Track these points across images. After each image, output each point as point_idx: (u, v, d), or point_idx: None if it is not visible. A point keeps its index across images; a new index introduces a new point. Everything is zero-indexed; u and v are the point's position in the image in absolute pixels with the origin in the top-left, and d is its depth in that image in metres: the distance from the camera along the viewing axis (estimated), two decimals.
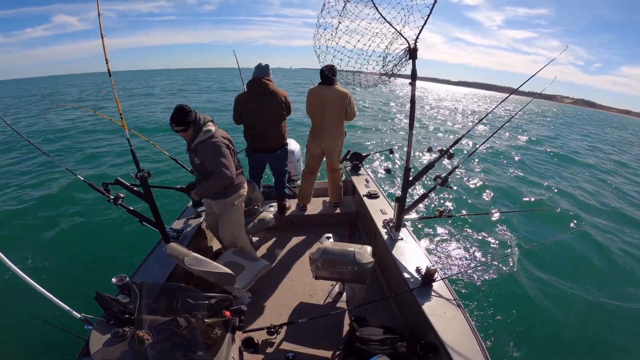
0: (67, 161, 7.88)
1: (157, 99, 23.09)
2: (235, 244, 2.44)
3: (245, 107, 2.81)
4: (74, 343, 1.55)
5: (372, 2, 1.90)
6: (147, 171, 2.25)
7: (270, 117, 2.84)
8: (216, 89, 32.04)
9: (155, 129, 11.15)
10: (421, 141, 12.28)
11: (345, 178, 3.90)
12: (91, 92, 31.14)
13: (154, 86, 38.24)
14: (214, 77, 55.07)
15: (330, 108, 2.93)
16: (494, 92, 38.66)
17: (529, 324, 3.32)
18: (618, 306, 3.80)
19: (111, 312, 1.44)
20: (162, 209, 2.36)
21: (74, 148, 9.27)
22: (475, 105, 38.35)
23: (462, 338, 1.62)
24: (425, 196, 2.46)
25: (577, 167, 11.06)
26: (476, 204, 6.41)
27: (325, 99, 2.92)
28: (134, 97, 24.22)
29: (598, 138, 22.48)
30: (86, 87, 38.03)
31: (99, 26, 2.11)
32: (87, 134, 10.96)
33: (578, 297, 3.91)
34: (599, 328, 3.44)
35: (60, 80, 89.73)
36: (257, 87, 2.75)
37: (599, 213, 6.75)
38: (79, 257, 4.07)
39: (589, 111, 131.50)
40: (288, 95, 2.91)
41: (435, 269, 1.98)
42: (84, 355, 1.46)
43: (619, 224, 6.29)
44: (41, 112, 16.66)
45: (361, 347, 1.71)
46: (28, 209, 5.35)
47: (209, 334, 1.36)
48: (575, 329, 3.41)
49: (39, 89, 42.16)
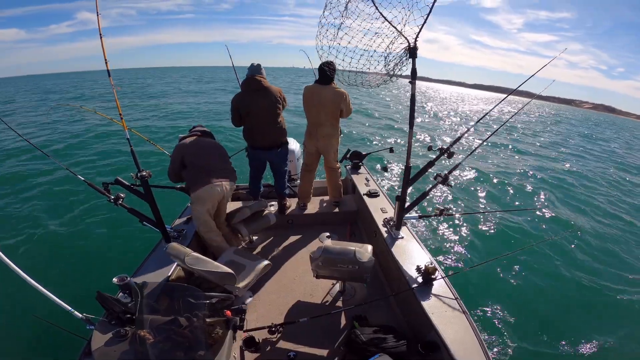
0: (67, 161, 7.89)
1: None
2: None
3: (243, 106, 2.83)
4: (76, 343, 1.55)
5: (372, 1, 1.90)
6: (148, 171, 2.25)
7: (267, 112, 2.87)
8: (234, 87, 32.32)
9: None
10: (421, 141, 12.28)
11: (346, 177, 3.90)
12: (107, 89, 31.15)
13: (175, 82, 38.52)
14: (222, 77, 55.57)
15: (325, 108, 2.94)
16: (512, 96, 39.44)
17: (530, 323, 3.32)
18: (619, 307, 3.81)
19: (112, 312, 1.44)
20: (163, 208, 2.36)
21: (74, 148, 9.27)
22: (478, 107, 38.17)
23: (463, 336, 1.62)
24: (425, 195, 2.45)
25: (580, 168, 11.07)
26: (477, 202, 6.41)
27: (321, 98, 2.92)
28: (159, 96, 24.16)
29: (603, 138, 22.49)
30: (101, 85, 38.16)
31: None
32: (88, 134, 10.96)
33: (578, 296, 3.92)
34: (599, 328, 3.44)
35: (85, 76, 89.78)
36: (251, 84, 2.80)
37: (603, 213, 6.75)
38: (80, 257, 4.08)
39: (604, 115, 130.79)
40: (282, 90, 2.96)
41: (436, 268, 1.98)
42: (85, 355, 1.47)
43: (622, 223, 6.30)
44: (41, 109, 16.66)
45: (362, 346, 1.71)
46: (28, 209, 5.35)
47: (210, 333, 1.36)
48: (575, 328, 3.42)
49: (58, 85, 41.95)
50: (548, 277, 4.14)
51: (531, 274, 4.16)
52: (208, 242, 2.59)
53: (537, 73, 2.42)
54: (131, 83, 38.38)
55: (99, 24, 2.16)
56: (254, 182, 3.31)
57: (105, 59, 2.12)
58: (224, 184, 2.51)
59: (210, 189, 2.44)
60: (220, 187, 2.48)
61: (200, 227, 2.56)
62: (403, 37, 1.96)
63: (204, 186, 2.42)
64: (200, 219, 2.50)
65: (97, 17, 2.15)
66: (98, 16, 2.16)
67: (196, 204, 2.47)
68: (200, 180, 2.43)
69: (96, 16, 2.12)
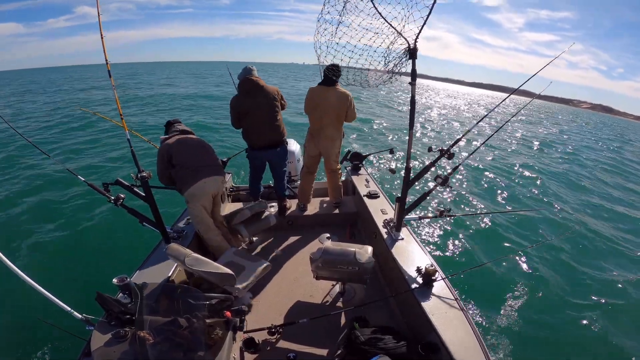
0: (67, 161, 7.89)
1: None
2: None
3: (241, 106, 2.85)
4: (75, 343, 1.56)
5: (371, 1, 1.90)
6: (148, 172, 2.26)
7: (265, 111, 2.88)
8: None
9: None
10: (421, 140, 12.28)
11: (346, 178, 3.90)
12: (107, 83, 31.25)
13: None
14: (219, 71, 55.88)
15: (329, 110, 2.93)
16: (511, 95, 39.17)
17: (530, 324, 3.31)
18: (619, 307, 3.80)
19: (112, 313, 1.44)
20: (163, 209, 2.36)
21: (74, 148, 9.27)
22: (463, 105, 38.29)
23: (463, 338, 1.61)
24: (425, 196, 2.45)
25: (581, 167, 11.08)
26: (477, 203, 6.40)
27: (325, 101, 2.91)
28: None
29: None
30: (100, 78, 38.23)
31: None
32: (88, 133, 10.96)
33: (578, 296, 3.91)
34: (599, 328, 3.43)
35: (84, 69, 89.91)
36: (246, 85, 2.82)
37: (603, 213, 6.74)
38: (80, 258, 4.07)
39: (599, 115, 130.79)
40: (279, 89, 2.98)
41: (436, 269, 1.98)
42: (85, 356, 1.46)
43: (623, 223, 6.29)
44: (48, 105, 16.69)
45: (362, 347, 1.70)
46: (28, 209, 5.35)
47: (210, 334, 1.36)
48: (575, 328, 3.41)
49: (59, 78, 41.97)
50: (548, 278, 4.13)
51: (532, 274, 4.15)
52: (207, 242, 2.59)
53: (539, 72, 2.43)
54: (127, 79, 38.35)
55: (100, 24, 2.17)
56: (254, 183, 3.31)
57: (106, 59, 2.13)
58: (214, 178, 2.52)
59: (202, 185, 2.45)
60: (211, 182, 2.49)
61: (198, 227, 2.56)
62: (403, 38, 1.96)
63: (195, 183, 2.43)
64: (198, 217, 2.51)
65: (98, 16, 2.17)
66: (99, 17, 2.17)
67: (190, 202, 2.48)
68: (190, 179, 2.44)
69: (96, 10, 2.13)
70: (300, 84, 31.88)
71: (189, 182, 2.44)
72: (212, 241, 2.58)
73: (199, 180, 2.44)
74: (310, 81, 33.06)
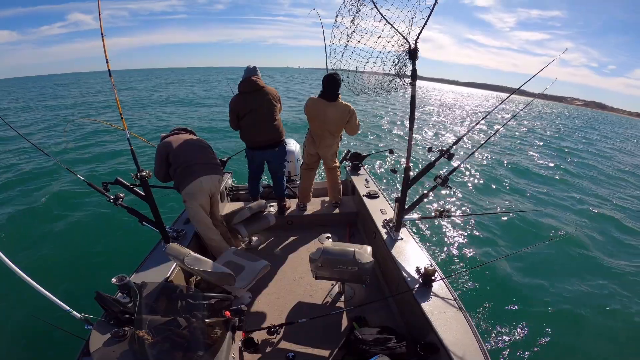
0: (68, 161, 7.88)
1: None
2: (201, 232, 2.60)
3: (241, 107, 2.86)
4: (74, 343, 1.55)
5: (372, 2, 1.90)
6: (148, 171, 2.25)
7: (265, 111, 2.89)
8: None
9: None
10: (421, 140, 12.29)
11: (345, 178, 3.90)
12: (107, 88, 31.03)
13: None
14: (218, 76, 55.71)
15: (329, 123, 2.95)
16: (503, 94, 38.62)
17: (529, 324, 3.31)
18: (621, 307, 3.80)
19: (111, 312, 1.44)
20: (162, 209, 2.36)
21: (74, 148, 9.27)
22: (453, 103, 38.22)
23: (462, 338, 1.62)
24: (425, 196, 2.46)
25: (581, 167, 11.09)
26: (476, 204, 6.41)
27: (324, 116, 2.92)
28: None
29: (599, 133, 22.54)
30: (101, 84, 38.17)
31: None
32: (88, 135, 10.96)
33: (578, 296, 3.91)
34: (599, 329, 3.44)
35: (80, 77, 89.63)
36: (247, 85, 2.83)
37: (604, 213, 6.74)
38: (79, 257, 4.07)
39: (589, 111, 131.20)
40: (278, 92, 3.02)
41: (435, 269, 1.98)
42: (84, 355, 1.46)
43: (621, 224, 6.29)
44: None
45: (361, 347, 1.70)
46: (28, 209, 5.35)
47: (209, 334, 1.36)
48: (575, 328, 3.41)
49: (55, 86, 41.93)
50: (549, 278, 4.13)
51: (531, 275, 4.15)
52: (207, 241, 2.59)
53: (538, 73, 2.43)
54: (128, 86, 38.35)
55: (101, 24, 2.17)
56: (253, 183, 3.32)
57: (106, 58, 2.13)
58: (211, 177, 2.52)
59: (199, 184, 2.45)
60: (207, 181, 2.49)
61: (197, 226, 2.56)
62: (404, 39, 1.97)
63: (192, 181, 2.43)
64: (196, 216, 2.51)
65: (98, 15, 2.17)
66: (100, 16, 2.18)
67: (188, 200, 2.48)
68: (188, 177, 2.44)
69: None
70: (295, 87, 31.97)
71: (185, 181, 2.44)
72: (211, 241, 2.58)
73: (195, 179, 2.43)
74: (303, 84, 33.06)
